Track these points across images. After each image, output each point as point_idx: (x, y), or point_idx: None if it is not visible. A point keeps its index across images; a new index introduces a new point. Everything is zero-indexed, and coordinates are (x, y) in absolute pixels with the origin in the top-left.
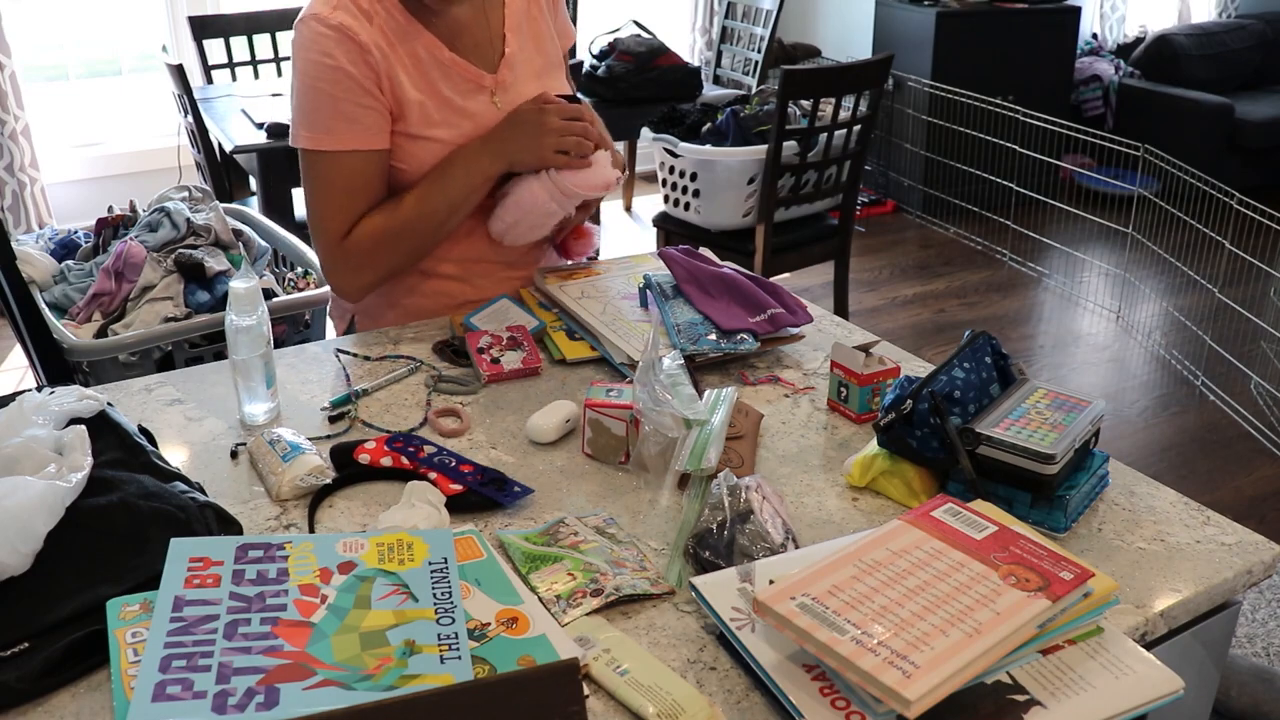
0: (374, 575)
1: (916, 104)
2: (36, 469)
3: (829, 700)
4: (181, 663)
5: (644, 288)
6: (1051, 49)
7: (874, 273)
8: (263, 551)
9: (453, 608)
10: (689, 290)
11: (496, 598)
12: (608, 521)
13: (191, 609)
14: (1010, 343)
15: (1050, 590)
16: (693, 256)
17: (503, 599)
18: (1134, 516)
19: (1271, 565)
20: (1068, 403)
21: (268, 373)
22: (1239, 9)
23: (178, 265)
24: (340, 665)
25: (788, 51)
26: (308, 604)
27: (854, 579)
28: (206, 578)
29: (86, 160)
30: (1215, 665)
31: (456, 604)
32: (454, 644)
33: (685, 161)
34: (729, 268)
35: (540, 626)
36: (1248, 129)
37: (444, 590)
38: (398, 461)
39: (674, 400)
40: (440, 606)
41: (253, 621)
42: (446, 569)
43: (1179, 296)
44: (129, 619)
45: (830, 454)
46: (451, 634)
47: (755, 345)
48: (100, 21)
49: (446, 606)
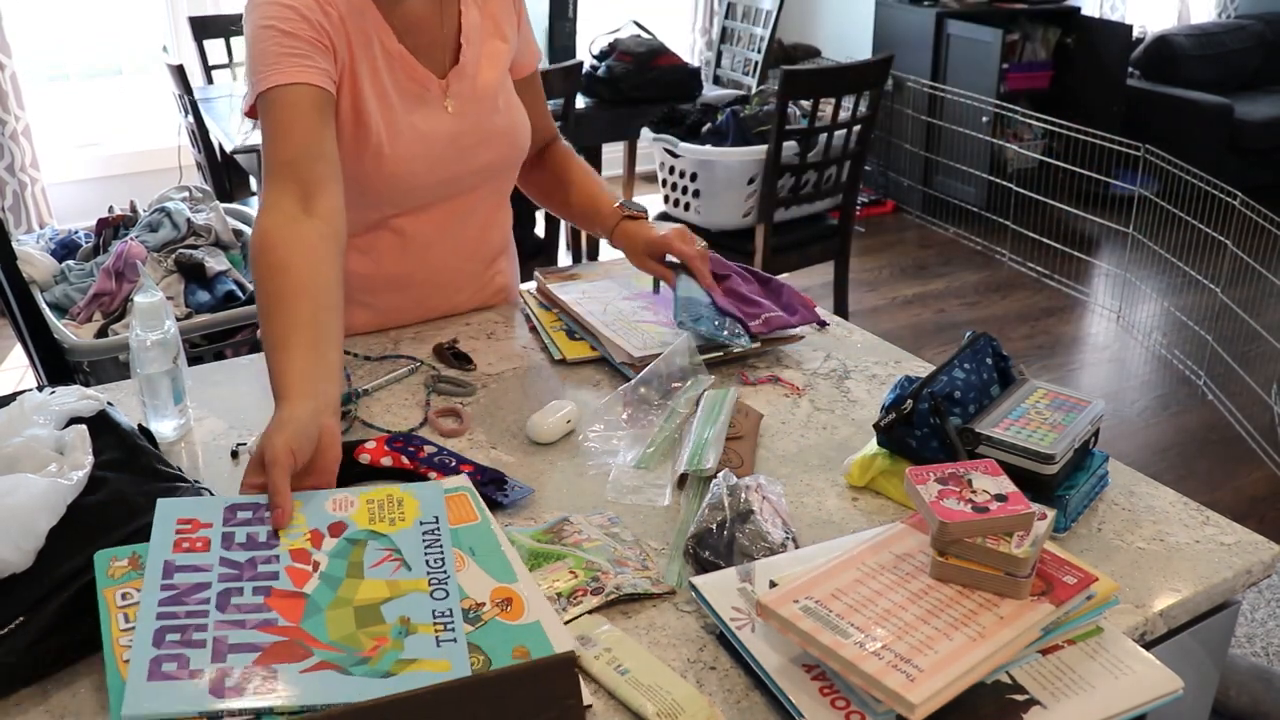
0: (365, 538)
1: (916, 104)
2: (37, 468)
3: (829, 700)
4: (175, 636)
5: (662, 267)
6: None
7: (874, 273)
8: (251, 513)
9: (446, 579)
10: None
11: (492, 573)
12: (612, 520)
13: (182, 575)
14: (1010, 343)
15: (1054, 595)
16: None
17: (498, 575)
18: (1133, 516)
19: (1271, 565)
20: (1067, 403)
21: (175, 388)
22: (1239, 9)
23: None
24: (336, 645)
25: (787, 52)
26: (300, 571)
27: (857, 582)
28: (196, 541)
29: (87, 160)
30: (1214, 665)
31: (450, 574)
32: (449, 623)
33: (685, 162)
34: (737, 268)
35: (535, 611)
36: (1247, 129)
37: (437, 557)
38: (398, 461)
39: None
40: (434, 577)
41: (245, 591)
42: (438, 529)
43: (1179, 296)
44: (119, 576)
45: (830, 454)
46: (446, 610)
47: (750, 343)
48: (101, 22)
49: (440, 578)
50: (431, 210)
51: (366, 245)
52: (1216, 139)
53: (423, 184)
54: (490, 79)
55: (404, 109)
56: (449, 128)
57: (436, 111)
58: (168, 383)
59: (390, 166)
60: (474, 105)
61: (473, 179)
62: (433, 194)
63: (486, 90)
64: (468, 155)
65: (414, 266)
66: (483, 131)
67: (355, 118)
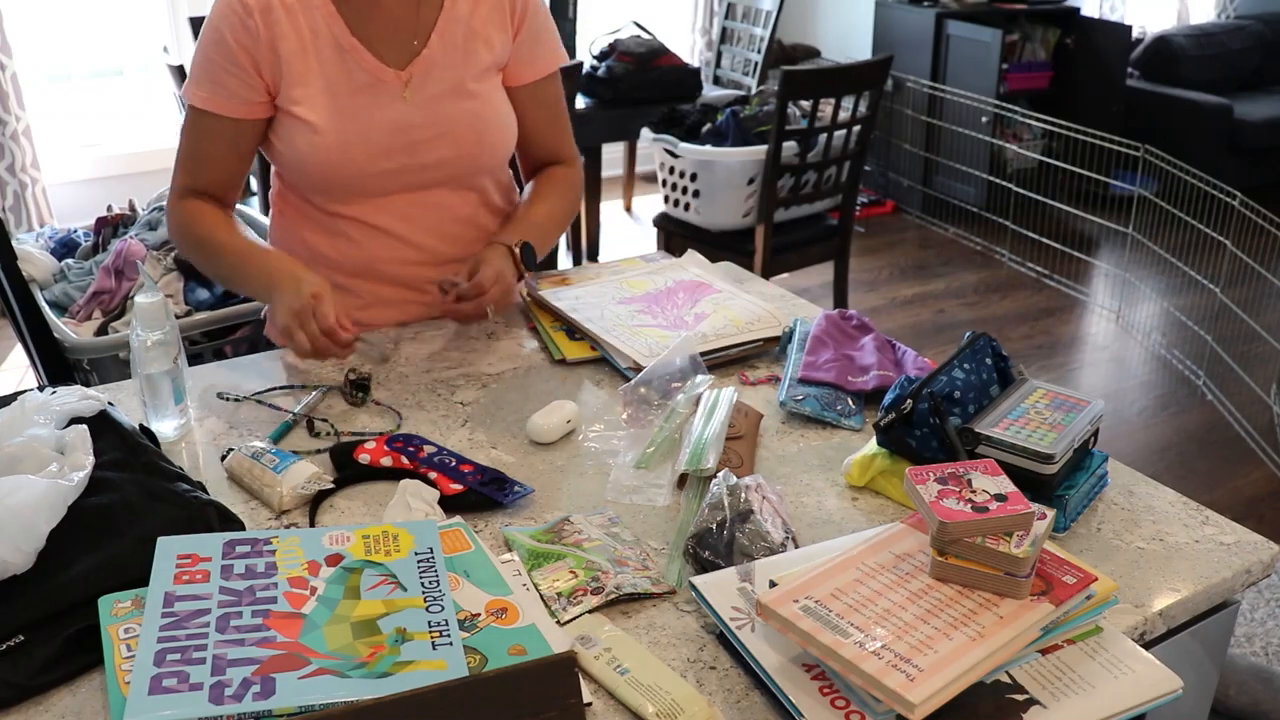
0: (362, 566)
1: (916, 104)
2: (38, 468)
3: (829, 700)
4: (176, 656)
5: (789, 331)
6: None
7: (874, 273)
8: (250, 546)
9: (441, 595)
10: (811, 341)
11: (485, 589)
12: (612, 520)
13: (183, 604)
14: (1010, 343)
15: (1053, 594)
16: (844, 319)
17: (492, 590)
18: (1133, 516)
19: (1270, 565)
20: (1067, 403)
21: (176, 388)
22: (1238, 10)
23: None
24: (334, 654)
25: (787, 52)
26: (298, 595)
27: (857, 582)
28: (195, 573)
29: (87, 160)
30: (1214, 664)
31: (445, 592)
32: (445, 630)
33: (685, 162)
34: (871, 336)
35: (530, 616)
36: (1247, 129)
37: (432, 580)
38: (397, 461)
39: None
40: (429, 595)
41: (244, 614)
42: (433, 558)
43: (1179, 296)
44: (121, 615)
45: (829, 454)
46: (442, 620)
47: (862, 424)
48: (102, 23)
49: (435, 595)
50: (395, 199)
51: (336, 228)
52: (1216, 139)
53: (365, 172)
54: (463, 75)
55: (350, 99)
56: (399, 118)
57: (391, 101)
58: (168, 383)
59: (326, 154)
60: (437, 99)
61: (429, 173)
62: (383, 183)
63: (456, 86)
64: (420, 148)
65: (381, 254)
66: (442, 126)
67: (290, 109)
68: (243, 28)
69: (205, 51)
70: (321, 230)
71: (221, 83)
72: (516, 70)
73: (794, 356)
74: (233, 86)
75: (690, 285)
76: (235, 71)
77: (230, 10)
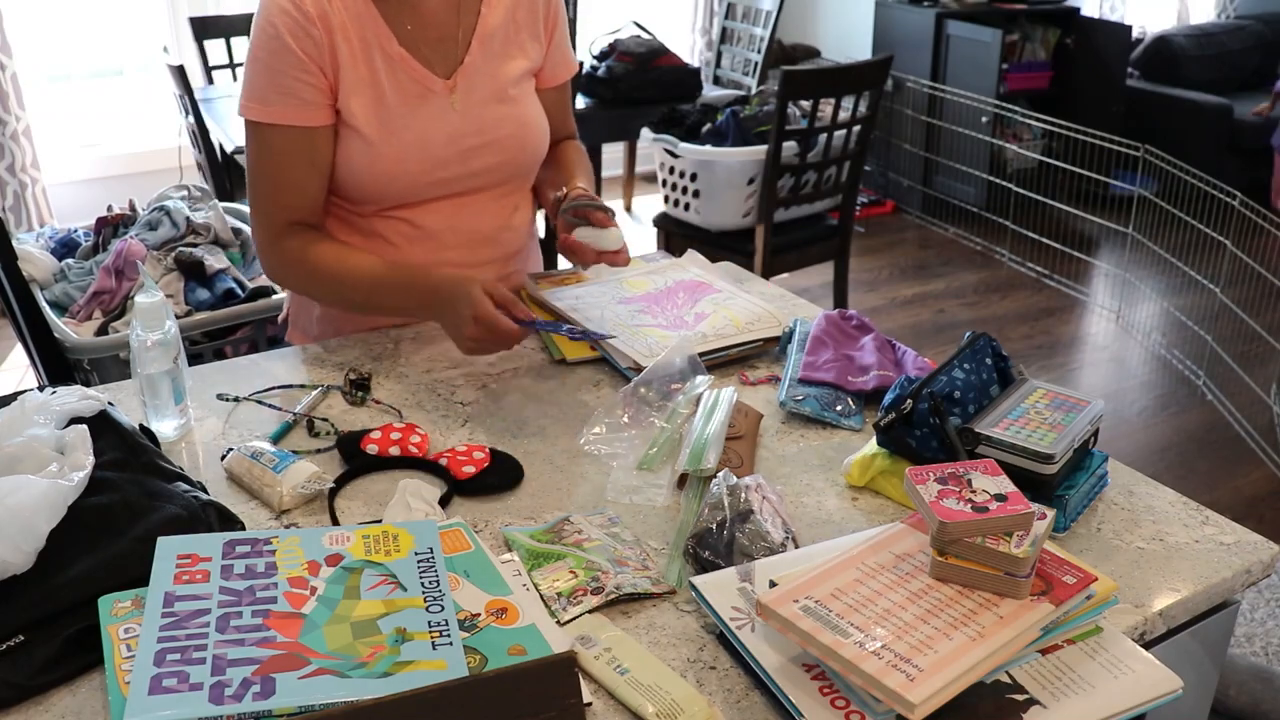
0: (362, 566)
1: (916, 104)
2: (38, 468)
3: (829, 700)
4: (175, 656)
5: (788, 332)
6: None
7: (874, 273)
8: (250, 547)
9: (441, 595)
10: (811, 342)
11: (485, 589)
12: (612, 520)
13: (182, 604)
14: (1010, 343)
15: (1053, 594)
16: (844, 320)
17: (492, 590)
18: (1133, 516)
19: (1270, 565)
20: (1067, 403)
21: (176, 388)
22: (1238, 10)
23: (177, 263)
24: (334, 654)
25: (787, 52)
26: (298, 595)
27: (857, 582)
28: (195, 573)
29: (87, 160)
30: (1214, 664)
31: (445, 592)
32: (445, 630)
33: (685, 162)
34: (871, 337)
35: (530, 616)
36: (1247, 129)
37: (432, 580)
38: (405, 450)
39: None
40: (429, 595)
41: (244, 614)
42: (433, 558)
43: (1179, 296)
44: (121, 615)
45: (830, 454)
46: (442, 620)
47: (862, 424)
48: (102, 22)
49: (435, 595)
50: (439, 205)
51: (373, 230)
52: (1216, 139)
53: (419, 182)
54: (502, 82)
55: (403, 109)
56: (451, 127)
57: (441, 110)
58: (168, 383)
59: (382, 165)
60: (481, 106)
61: (477, 179)
62: (432, 191)
63: (497, 93)
64: (470, 156)
65: (420, 257)
66: (488, 134)
67: (345, 120)
68: (306, 35)
69: (267, 64)
70: (356, 232)
71: (293, 91)
72: (550, 73)
73: (794, 356)
74: (306, 94)
75: (690, 285)
76: (305, 78)
77: (289, 18)
